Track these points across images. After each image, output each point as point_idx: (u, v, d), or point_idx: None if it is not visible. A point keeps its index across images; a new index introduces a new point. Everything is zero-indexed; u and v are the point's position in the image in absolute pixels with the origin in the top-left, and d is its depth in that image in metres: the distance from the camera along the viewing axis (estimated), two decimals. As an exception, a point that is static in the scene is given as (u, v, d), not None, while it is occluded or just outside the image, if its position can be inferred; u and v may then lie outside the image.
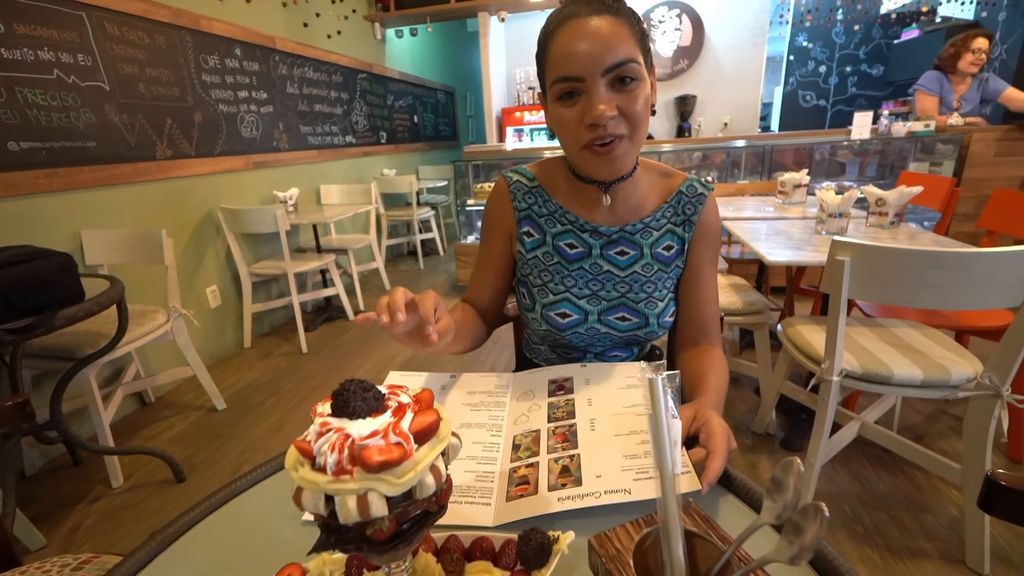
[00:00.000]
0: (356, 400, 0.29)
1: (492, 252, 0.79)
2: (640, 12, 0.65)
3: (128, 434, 1.87)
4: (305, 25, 3.14)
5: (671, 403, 0.30)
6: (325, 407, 0.30)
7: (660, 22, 4.36)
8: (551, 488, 0.46)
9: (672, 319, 0.75)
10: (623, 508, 0.43)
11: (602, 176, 0.66)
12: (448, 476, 0.31)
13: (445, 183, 4.80)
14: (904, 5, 4.87)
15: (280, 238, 2.35)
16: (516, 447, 0.53)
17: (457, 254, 3.31)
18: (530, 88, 5.24)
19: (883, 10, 5.03)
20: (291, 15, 3.02)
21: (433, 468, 0.29)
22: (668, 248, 0.73)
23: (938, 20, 4.47)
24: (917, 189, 1.59)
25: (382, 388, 0.32)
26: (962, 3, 4.30)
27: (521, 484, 0.47)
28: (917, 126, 2.75)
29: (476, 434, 0.57)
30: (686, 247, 0.73)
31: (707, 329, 0.73)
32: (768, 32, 5.20)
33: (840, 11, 5.15)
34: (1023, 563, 1.13)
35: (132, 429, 1.91)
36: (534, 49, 0.68)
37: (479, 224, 3.49)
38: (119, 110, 1.96)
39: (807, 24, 5.25)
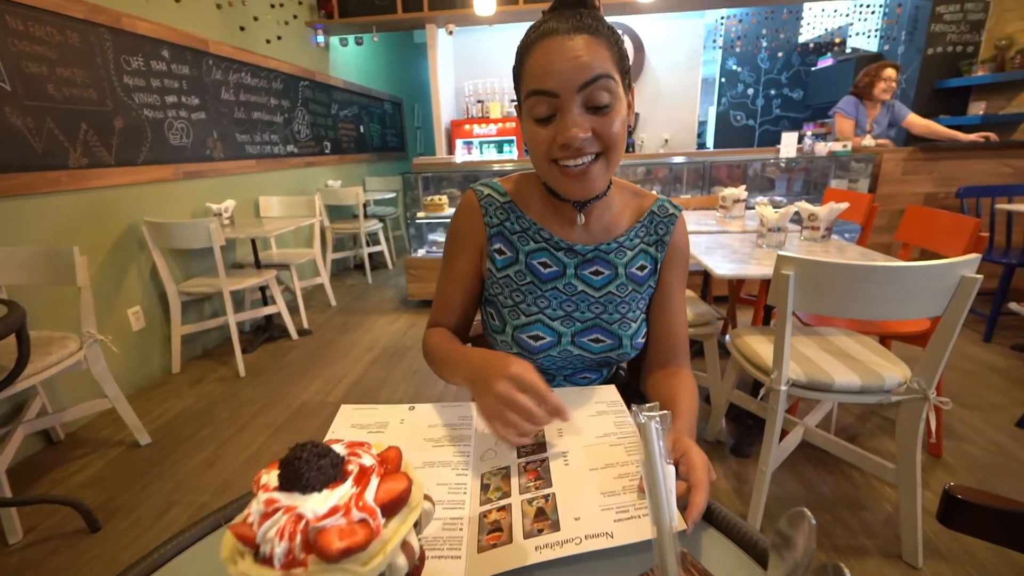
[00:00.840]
0: (310, 470, 0.24)
1: (461, 270, 0.74)
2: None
3: (31, 479, 1.65)
4: (242, 29, 2.98)
5: (665, 448, 0.28)
6: (270, 477, 0.25)
7: (604, 42, 4.52)
8: (527, 535, 0.42)
9: (644, 340, 0.74)
10: (606, 553, 0.40)
11: (574, 196, 0.64)
12: (421, 548, 0.27)
13: (393, 195, 4.69)
14: (819, 36, 5.34)
15: (214, 253, 2.18)
16: (485, 487, 0.50)
17: (407, 268, 3.22)
18: (479, 101, 5.26)
19: (801, 39, 5.49)
20: (226, 18, 2.85)
21: (405, 544, 0.25)
22: (642, 268, 0.72)
23: (848, 51, 4.92)
24: (844, 205, 1.71)
25: (340, 447, 0.28)
26: (868, 36, 4.76)
27: (493, 531, 0.44)
28: (836, 146, 2.98)
29: (440, 474, 0.52)
30: (658, 267, 0.73)
31: (677, 350, 0.73)
32: (703, 56, 5.53)
33: (764, 39, 5.57)
34: (950, 554, 1.21)
35: (36, 473, 1.68)
36: (483, 62, 0.66)
37: (430, 237, 3.42)
38: (22, 113, 1.76)
39: (737, 50, 5.63)
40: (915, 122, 3.11)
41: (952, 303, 1.02)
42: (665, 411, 0.29)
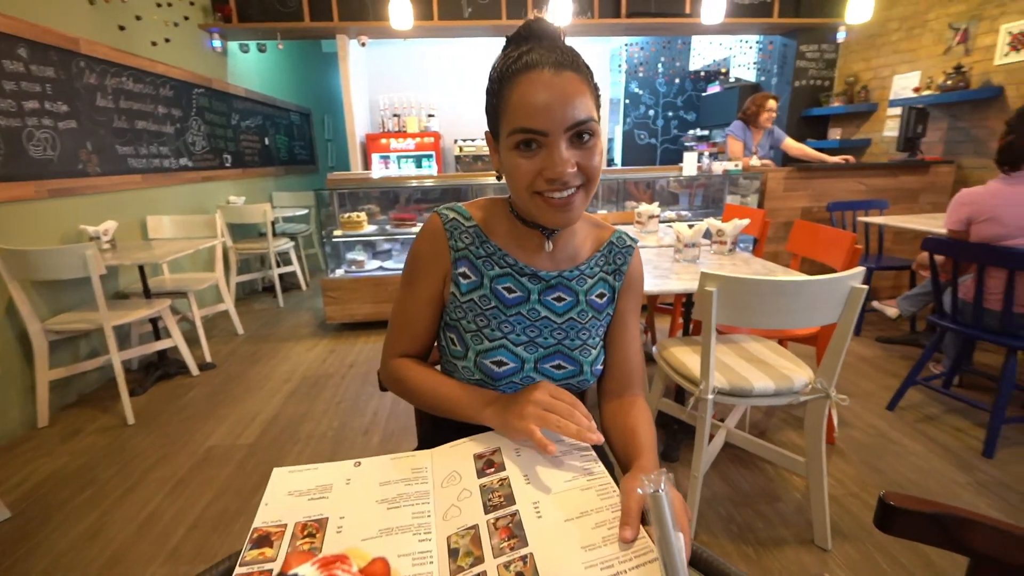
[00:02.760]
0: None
1: (426, 296, 0.73)
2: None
3: None
4: (122, 28, 2.65)
5: (675, 515, 0.27)
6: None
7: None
8: (509, 606, 0.39)
9: (602, 368, 0.75)
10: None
11: (555, 224, 0.66)
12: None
13: (305, 211, 4.41)
14: (708, 65, 5.93)
15: (92, 284, 1.88)
16: (453, 553, 0.46)
17: (324, 289, 3.03)
18: (395, 115, 5.14)
19: (692, 68, 6.05)
20: (101, 15, 2.52)
21: None
22: (601, 296, 0.74)
23: (732, 80, 5.51)
24: (746, 221, 1.88)
25: (312, 571, 0.23)
26: (747, 68, 5.36)
27: (471, 605, 0.40)
28: (729, 165, 3.31)
29: (401, 543, 0.47)
30: (616, 296, 0.76)
31: (632, 379, 0.75)
32: (610, 78, 5.88)
33: (662, 65, 6.08)
34: (853, 534, 1.36)
35: None
36: (399, 75, 0.66)
37: (348, 256, 3.25)
38: None
39: (639, 74, 6.08)
40: (791, 145, 3.54)
41: (845, 310, 1.16)
42: (666, 472, 0.29)
